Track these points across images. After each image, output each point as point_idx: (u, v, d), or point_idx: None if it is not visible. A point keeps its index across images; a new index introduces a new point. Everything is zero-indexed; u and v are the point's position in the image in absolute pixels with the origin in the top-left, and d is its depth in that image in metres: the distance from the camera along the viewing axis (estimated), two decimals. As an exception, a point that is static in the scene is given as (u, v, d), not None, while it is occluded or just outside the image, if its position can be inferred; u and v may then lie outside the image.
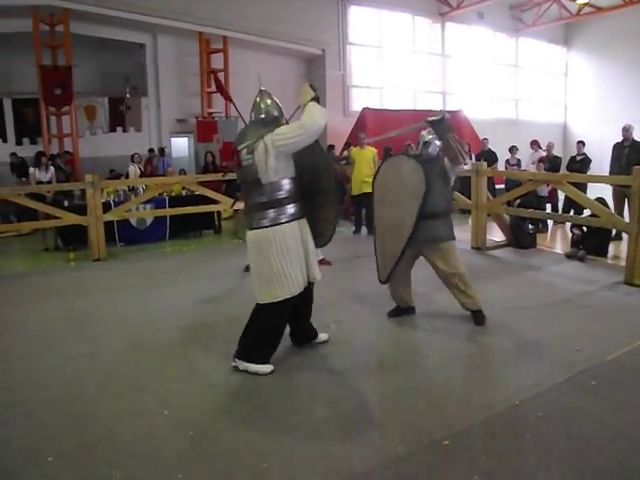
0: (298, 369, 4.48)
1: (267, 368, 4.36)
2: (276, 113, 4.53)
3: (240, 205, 10.02)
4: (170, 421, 3.66)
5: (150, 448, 3.34)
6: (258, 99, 4.57)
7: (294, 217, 4.36)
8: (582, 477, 2.99)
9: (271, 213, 4.27)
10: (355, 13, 18.87)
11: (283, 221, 4.28)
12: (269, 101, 4.56)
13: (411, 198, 5.16)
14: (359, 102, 18.46)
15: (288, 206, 4.32)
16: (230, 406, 3.88)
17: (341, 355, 4.71)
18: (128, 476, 3.07)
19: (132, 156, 13.04)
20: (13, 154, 12.62)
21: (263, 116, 4.47)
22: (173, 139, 16.50)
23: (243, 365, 4.37)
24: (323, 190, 4.58)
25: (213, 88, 15.97)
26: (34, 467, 3.18)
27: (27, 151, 13.73)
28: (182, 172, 13.95)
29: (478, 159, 12.07)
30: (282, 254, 4.25)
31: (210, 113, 16.28)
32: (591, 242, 8.08)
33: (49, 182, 10.70)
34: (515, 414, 3.65)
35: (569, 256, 8.06)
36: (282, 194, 4.30)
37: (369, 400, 3.93)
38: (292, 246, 4.30)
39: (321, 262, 6.84)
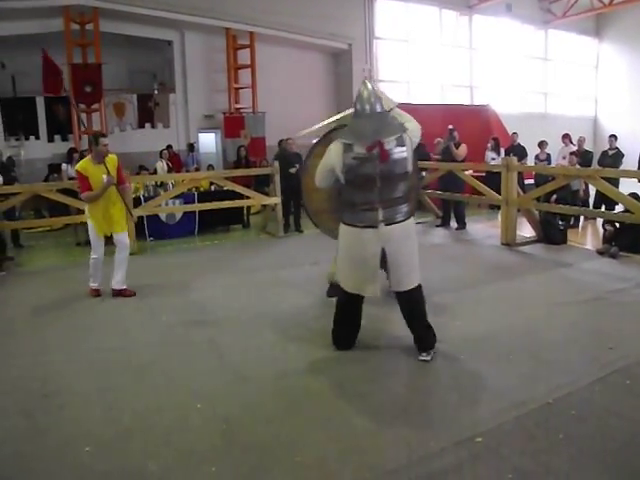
0: (329, 365, 4.50)
1: None
2: (386, 107, 4.52)
3: (268, 200, 10.26)
4: (203, 414, 3.71)
5: (183, 440, 3.39)
6: (366, 92, 4.39)
7: None
8: (618, 479, 2.96)
9: (406, 207, 4.45)
10: (381, 7, 18.78)
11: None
12: (379, 94, 4.54)
13: None
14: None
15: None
16: (262, 400, 3.91)
17: (372, 351, 4.72)
18: (163, 467, 3.12)
19: (160, 152, 13.16)
20: None
21: (379, 110, 4.37)
22: (200, 135, 16.60)
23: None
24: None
25: (241, 84, 16.09)
26: (72, 456, 3.26)
27: (59, 148, 14.00)
28: (210, 167, 14.05)
29: (507, 154, 11.95)
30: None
31: (237, 109, 16.35)
32: (624, 238, 7.94)
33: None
34: (548, 413, 3.62)
35: (601, 252, 7.95)
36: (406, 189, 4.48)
37: (401, 396, 3.95)
38: None
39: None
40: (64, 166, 11.11)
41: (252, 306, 6.05)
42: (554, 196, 9.42)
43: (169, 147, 14.13)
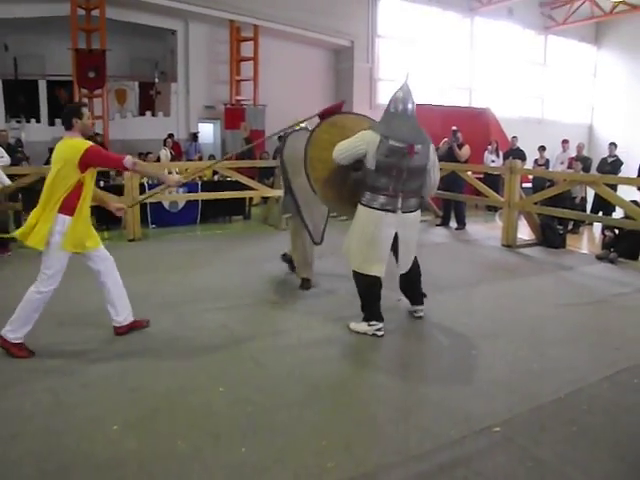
0: (348, 354, 4.63)
1: None
2: None
3: (271, 192, 10.33)
4: (226, 398, 3.79)
5: (210, 422, 3.47)
6: (403, 94, 4.91)
7: None
8: (634, 469, 3.09)
9: (417, 200, 5.02)
10: (385, 5, 18.89)
11: None
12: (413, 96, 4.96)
13: None
14: (385, 95, 18.48)
15: None
16: (282, 386, 3.99)
17: (387, 342, 4.85)
18: (193, 447, 3.19)
19: (164, 140, 13.21)
20: None
21: (410, 113, 4.86)
22: (200, 125, 16.65)
23: None
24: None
25: (242, 76, 16.12)
26: (101, 434, 3.32)
27: (60, 131, 13.89)
28: (212, 157, 14.11)
29: (506, 157, 12.10)
30: None
31: (238, 100, 16.40)
32: (623, 245, 8.07)
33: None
34: (561, 406, 3.74)
35: (600, 258, 8.06)
36: None
37: (418, 385, 4.06)
38: None
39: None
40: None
41: (261, 293, 6.18)
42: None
43: (170, 136, 14.17)
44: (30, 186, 8.09)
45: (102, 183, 9.93)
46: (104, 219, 9.92)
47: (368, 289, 4.99)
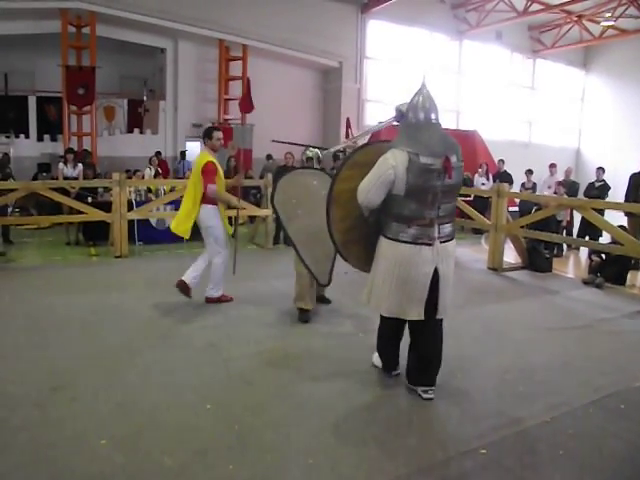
0: (336, 373, 4.61)
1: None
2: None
3: (260, 212, 10.33)
4: (213, 415, 3.79)
5: (197, 439, 3.47)
6: (422, 98, 4.08)
7: None
8: (621, 494, 3.10)
9: (452, 226, 4.17)
10: (373, 27, 19.11)
11: None
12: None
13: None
14: (373, 116, 18.64)
15: None
16: (269, 404, 3.99)
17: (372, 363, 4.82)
18: (180, 464, 3.19)
19: (150, 159, 13.27)
20: None
21: (434, 121, 4.08)
22: (188, 143, 16.68)
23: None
24: None
25: (231, 95, 16.18)
26: (88, 448, 3.32)
27: (48, 147, 14.04)
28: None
29: (494, 180, 12.20)
30: None
31: (226, 119, 16.47)
32: (610, 270, 8.12)
33: (75, 178, 10.88)
34: (547, 430, 3.75)
35: (586, 282, 8.09)
36: None
37: (404, 408, 4.04)
38: None
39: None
40: (60, 165, 11.12)
41: (248, 311, 6.17)
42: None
43: (158, 153, 14.19)
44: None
45: (90, 199, 9.93)
46: (90, 235, 9.95)
47: (393, 337, 4.42)
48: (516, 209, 12.51)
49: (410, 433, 3.64)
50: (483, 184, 12.86)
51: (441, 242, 3.98)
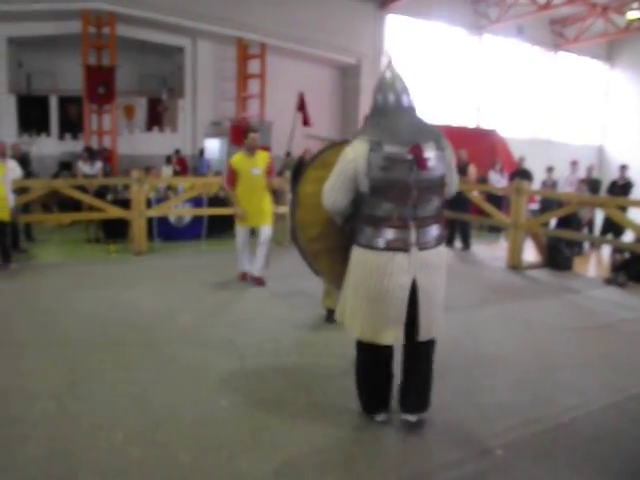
0: (352, 370, 4.56)
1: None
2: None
3: (278, 209, 10.28)
4: (228, 412, 3.82)
5: (212, 435, 3.50)
6: (390, 77, 3.53)
7: None
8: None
9: (438, 229, 3.55)
10: (392, 23, 18.93)
11: None
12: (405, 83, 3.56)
13: None
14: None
15: None
16: (282, 402, 4.00)
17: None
18: (194, 459, 3.23)
19: (168, 157, 13.37)
20: None
21: (407, 104, 3.52)
22: (206, 140, 16.74)
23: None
24: None
25: (249, 93, 16.20)
26: (105, 442, 3.38)
27: (69, 146, 14.20)
28: (218, 174, 14.16)
29: (512, 178, 12.06)
30: None
31: (244, 117, 16.46)
32: (633, 268, 7.98)
33: (94, 176, 10.99)
34: (565, 431, 3.71)
35: (609, 281, 7.98)
36: None
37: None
38: None
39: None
40: (80, 163, 11.25)
41: (265, 309, 6.22)
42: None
43: (177, 151, 14.27)
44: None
45: (109, 197, 10.06)
46: (110, 232, 10.05)
47: (373, 368, 3.68)
48: (536, 207, 12.40)
49: (424, 432, 3.62)
50: (498, 181, 12.72)
51: (421, 249, 3.37)
